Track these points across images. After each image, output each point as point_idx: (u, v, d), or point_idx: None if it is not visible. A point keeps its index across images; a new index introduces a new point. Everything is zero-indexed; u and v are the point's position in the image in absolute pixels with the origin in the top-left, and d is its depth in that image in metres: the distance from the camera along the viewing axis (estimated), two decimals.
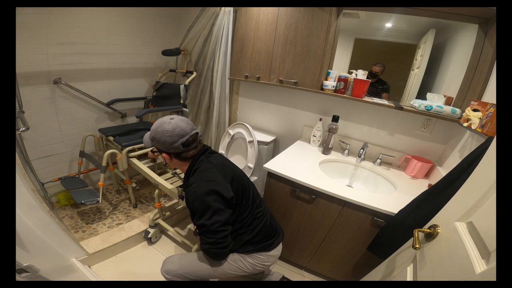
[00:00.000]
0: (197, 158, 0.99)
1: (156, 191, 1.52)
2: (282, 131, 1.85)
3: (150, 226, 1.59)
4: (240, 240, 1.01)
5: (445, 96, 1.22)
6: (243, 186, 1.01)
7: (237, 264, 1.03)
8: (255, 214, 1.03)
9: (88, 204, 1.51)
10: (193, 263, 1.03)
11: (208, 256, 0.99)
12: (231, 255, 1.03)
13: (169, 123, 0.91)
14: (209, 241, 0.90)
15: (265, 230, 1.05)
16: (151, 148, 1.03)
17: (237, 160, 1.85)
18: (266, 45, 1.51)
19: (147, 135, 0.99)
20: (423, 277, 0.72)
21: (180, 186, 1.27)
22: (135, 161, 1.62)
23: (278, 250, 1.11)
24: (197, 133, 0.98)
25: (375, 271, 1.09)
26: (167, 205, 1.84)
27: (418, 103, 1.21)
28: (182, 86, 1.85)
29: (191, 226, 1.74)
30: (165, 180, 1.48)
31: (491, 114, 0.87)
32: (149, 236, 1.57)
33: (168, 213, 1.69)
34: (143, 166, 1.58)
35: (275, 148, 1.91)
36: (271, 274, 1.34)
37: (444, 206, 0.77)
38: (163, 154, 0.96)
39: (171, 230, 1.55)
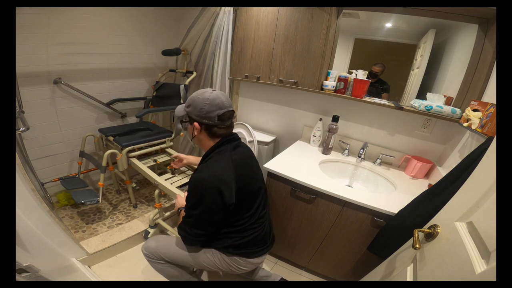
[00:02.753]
0: (221, 142, 0.94)
1: (156, 191, 1.51)
2: (282, 131, 1.85)
3: (150, 226, 1.59)
4: (225, 242, 1.00)
5: (445, 96, 1.22)
6: (251, 195, 0.97)
7: (213, 259, 1.02)
8: (253, 224, 1.00)
9: (88, 204, 1.51)
10: (172, 246, 1.06)
11: (180, 236, 1.01)
12: (211, 249, 1.02)
13: (211, 93, 0.90)
14: (186, 229, 0.95)
15: (256, 240, 1.02)
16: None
17: None
18: (266, 45, 1.51)
19: (181, 105, 0.98)
20: (423, 277, 0.72)
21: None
22: (135, 161, 1.62)
23: (260, 259, 1.09)
24: (233, 111, 0.95)
25: (375, 271, 1.09)
26: (167, 205, 1.84)
27: (418, 103, 1.21)
28: (182, 86, 1.85)
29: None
30: (165, 180, 1.48)
31: (491, 114, 0.87)
32: (149, 236, 1.57)
33: (168, 213, 1.69)
34: (143, 166, 1.58)
35: (275, 148, 1.91)
36: (269, 275, 1.33)
37: (444, 206, 0.77)
38: (195, 123, 0.92)
39: (171, 230, 1.55)
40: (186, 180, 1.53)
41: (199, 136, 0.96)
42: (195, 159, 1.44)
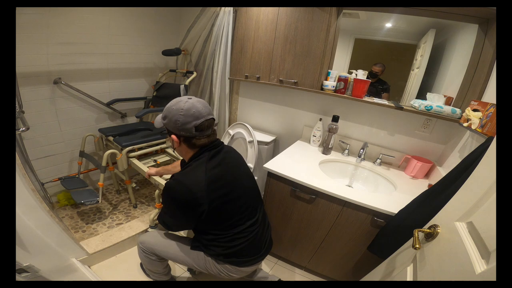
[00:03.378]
0: (201, 152, 0.91)
1: (157, 191, 1.51)
2: (282, 131, 1.85)
3: (151, 227, 1.58)
4: (214, 250, 0.98)
5: (445, 96, 1.22)
6: (227, 206, 0.93)
7: (205, 263, 1.03)
8: (239, 233, 0.97)
9: (88, 204, 1.51)
10: (168, 245, 1.08)
11: (159, 222, 1.06)
12: (203, 254, 1.02)
13: (186, 102, 0.85)
14: (164, 221, 1.00)
15: (246, 249, 0.99)
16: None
17: None
18: (266, 45, 1.51)
19: (159, 115, 0.93)
20: (423, 277, 0.72)
21: None
22: (135, 161, 1.62)
23: (251, 268, 1.07)
24: (213, 119, 0.91)
25: (375, 271, 1.09)
26: None
27: (418, 103, 1.21)
28: (182, 86, 1.85)
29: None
30: (166, 180, 1.48)
31: (491, 114, 0.87)
32: None
33: None
34: (143, 166, 1.58)
35: (275, 148, 1.91)
36: (266, 277, 1.33)
37: (444, 206, 0.77)
38: (172, 136, 0.89)
39: None
40: None
41: (179, 148, 0.93)
42: (164, 170, 1.36)
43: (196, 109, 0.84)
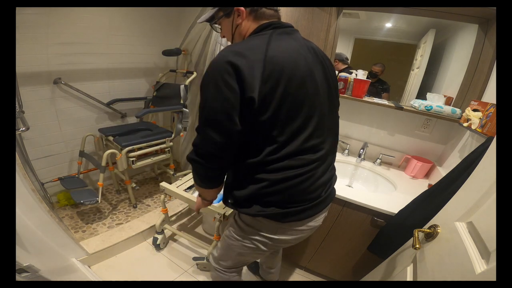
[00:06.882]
0: (266, 25, 0.70)
1: (162, 196, 1.48)
2: None
3: (158, 233, 1.55)
4: (267, 200, 0.68)
5: (445, 96, 1.22)
6: (291, 99, 0.61)
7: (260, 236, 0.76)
8: (296, 153, 0.65)
9: (87, 204, 1.51)
10: (229, 245, 0.88)
11: (192, 167, 0.71)
12: (254, 228, 0.75)
13: None
14: (194, 150, 0.66)
15: (303, 190, 0.69)
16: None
17: None
18: None
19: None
20: (423, 277, 0.72)
21: None
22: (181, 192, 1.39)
23: (313, 223, 0.79)
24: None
25: (375, 271, 1.09)
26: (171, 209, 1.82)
27: (418, 103, 1.21)
28: (182, 86, 1.85)
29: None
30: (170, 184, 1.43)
31: (491, 114, 0.87)
32: (157, 242, 1.54)
33: (173, 218, 1.68)
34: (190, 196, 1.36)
35: None
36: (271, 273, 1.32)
37: (444, 206, 0.77)
38: (239, 9, 0.69)
39: (179, 234, 1.56)
40: (191, 182, 1.52)
41: (245, 24, 0.72)
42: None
43: None
